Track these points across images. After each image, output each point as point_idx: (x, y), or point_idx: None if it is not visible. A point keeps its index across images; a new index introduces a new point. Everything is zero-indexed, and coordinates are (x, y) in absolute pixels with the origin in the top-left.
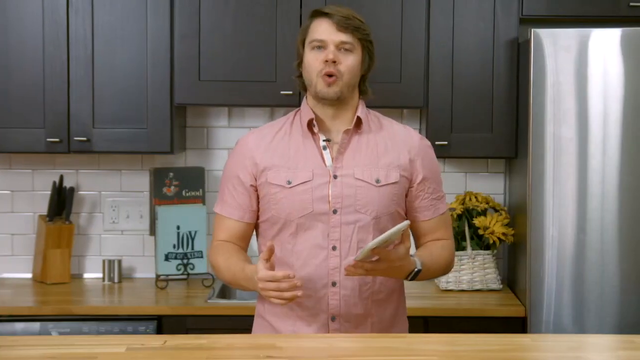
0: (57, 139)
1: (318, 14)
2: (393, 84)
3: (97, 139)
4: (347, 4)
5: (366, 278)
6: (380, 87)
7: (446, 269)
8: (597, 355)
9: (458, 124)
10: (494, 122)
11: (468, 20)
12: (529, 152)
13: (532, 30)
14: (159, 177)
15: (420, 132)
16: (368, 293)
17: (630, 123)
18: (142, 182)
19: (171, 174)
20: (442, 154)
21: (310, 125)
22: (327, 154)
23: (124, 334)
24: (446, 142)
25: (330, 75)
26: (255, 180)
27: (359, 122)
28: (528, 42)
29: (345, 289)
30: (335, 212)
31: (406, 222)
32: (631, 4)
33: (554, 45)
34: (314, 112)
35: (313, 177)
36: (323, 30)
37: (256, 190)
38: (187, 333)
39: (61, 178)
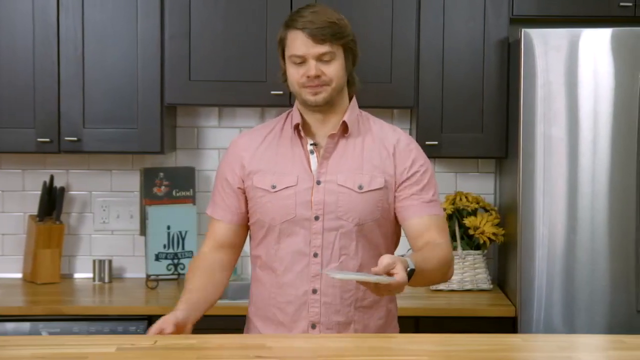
0: (47, 139)
1: (291, 26)
2: (383, 84)
3: (87, 139)
4: (338, 5)
5: (349, 285)
6: (371, 87)
7: (444, 270)
8: (587, 355)
9: (448, 124)
10: (484, 122)
11: (458, 20)
12: (519, 152)
13: (523, 30)
14: (149, 177)
15: (410, 132)
16: (351, 300)
17: (621, 123)
18: (132, 182)
19: (161, 174)
20: (432, 154)
21: (297, 129)
22: (313, 158)
23: (114, 334)
24: (436, 142)
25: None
26: (243, 182)
27: (346, 126)
28: (518, 42)
29: (326, 296)
30: (317, 218)
31: (387, 279)
32: (621, 3)
33: (545, 45)
34: (302, 116)
35: (297, 182)
36: (300, 45)
37: (244, 193)
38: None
39: (51, 178)
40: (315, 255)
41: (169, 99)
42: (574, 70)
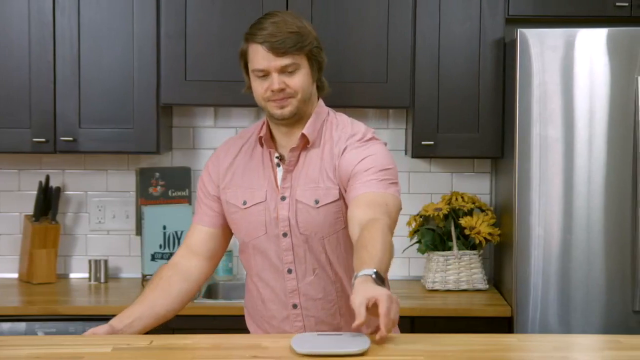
0: (43, 139)
1: (250, 40)
2: (379, 84)
3: (83, 139)
4: (330, 6)
5: (330, 296)
6: (367, 88)
7: (391, 244)
8: (583, 355)
9: (444, 124)
10: (480, 122)
11: (454, 20)
12: (515, 152)
13: (519, 30)
14: (145, 177)
15: (406, 132)
16: (334, 309)
17: (616, 122)
18: (128, 182)
19: (157, 174)
20: (428, 153)
21: (261, 142)
22: (280, 172)
23: (110, 334)
24: (432, 142)
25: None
26: (219, 194)
27: (306, 138)
28: (514, 42)
29: (307, 309)
30: (285, 235)
31: (360, 347)
32: (617, 3)
33: (540, 45)
34: (270, 127)
35: (266, 197)
36: (261, 58)
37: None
38: (173, 333)
39: (47, 178)
40: (289, 271)
41: (165, 99)
42: (569, 70)
